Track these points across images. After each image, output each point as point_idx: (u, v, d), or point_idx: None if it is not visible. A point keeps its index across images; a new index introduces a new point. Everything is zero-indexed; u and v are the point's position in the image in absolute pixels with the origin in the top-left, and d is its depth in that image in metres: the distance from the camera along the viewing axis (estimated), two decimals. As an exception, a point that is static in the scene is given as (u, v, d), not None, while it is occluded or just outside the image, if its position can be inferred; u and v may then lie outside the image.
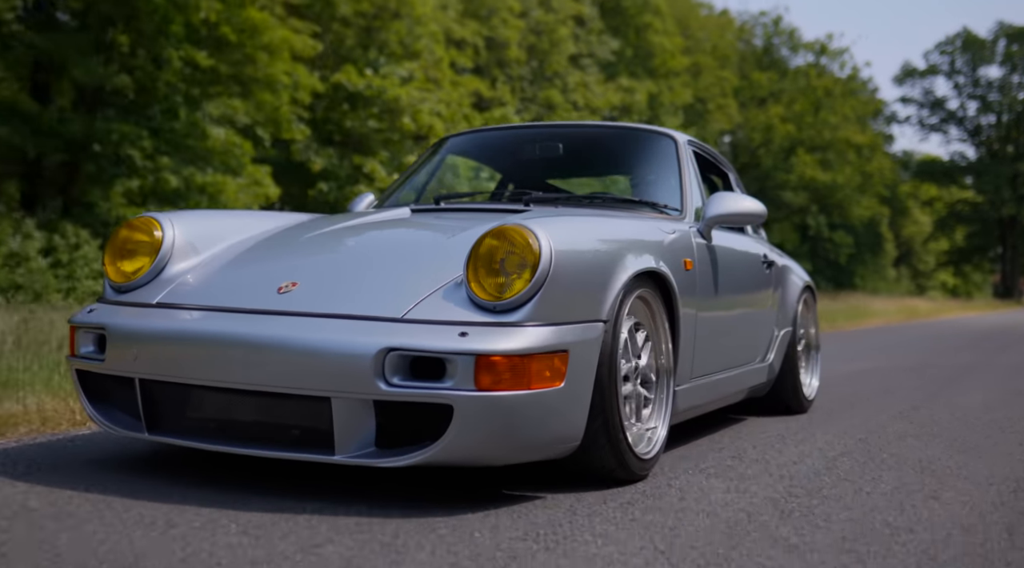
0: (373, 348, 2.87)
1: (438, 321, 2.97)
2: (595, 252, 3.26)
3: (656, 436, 3.63)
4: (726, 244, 4.51)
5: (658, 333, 3.69)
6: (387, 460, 2.91)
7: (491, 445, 2.92)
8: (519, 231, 3.06)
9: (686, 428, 4.81)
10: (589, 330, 3.15)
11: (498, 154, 5.07)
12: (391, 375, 2.87)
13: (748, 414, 5.57)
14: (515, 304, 2.98)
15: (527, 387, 2.91)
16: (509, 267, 3.03)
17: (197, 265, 3.57)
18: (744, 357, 4.82)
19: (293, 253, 3.58)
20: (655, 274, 3.60)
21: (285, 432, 3.04)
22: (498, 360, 2.86)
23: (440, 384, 2.87)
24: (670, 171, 4.49)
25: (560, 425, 3.06)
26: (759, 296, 5.01)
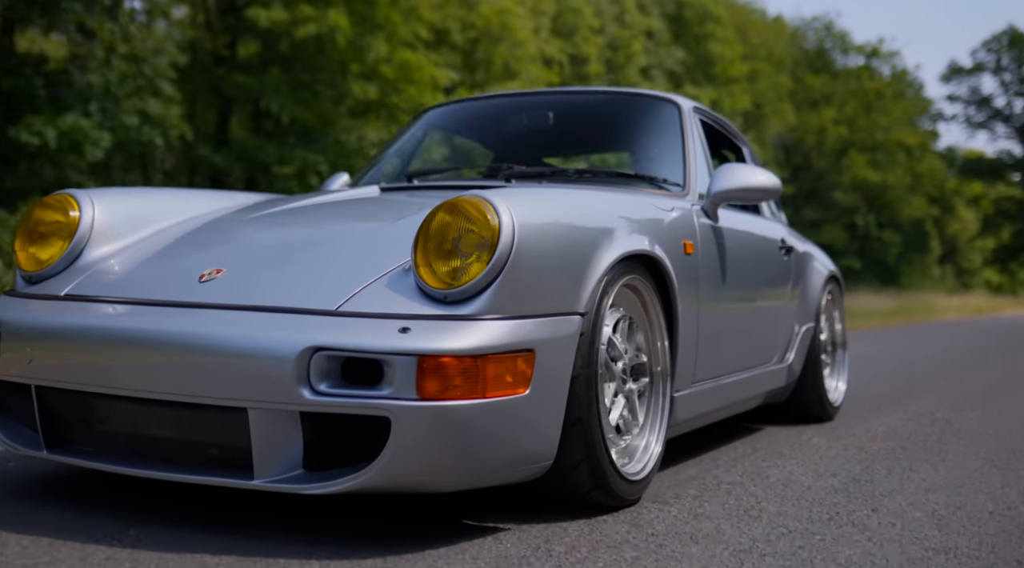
0: (296, 347, 2.35)
1: (377, 314, 2.45)
2: (571, 230, 2.73)
3: (649, 453, 3.09)
4: (736, 225, 3.96)
5: (652, 329, 3.15)
6: (315, 486, 2.40)
7: (439, 467, 2.40)
8: (476, 204, 2.53)
9: (689, 441, 4.26)
10: (562, 325, 2.62)
11: (483, 128, 4.53)
12: (318, 381, 2.36)
13: (766, 422, 5.02)
14: (469, 293, 2.46)
15: (482, 395, 2.39)
16: (465, 248, 2.51)
17: (120, 251, 3.06)
18: (758, 357, 4.27)
19: (228, 237, 3.07)
20: (647, 258, 3.07)
21: (203, 451, 2.53)
22: (447, 362, 2.34)
23: (375, 391, 2.35)
24: (672, 141, 3.95)
25: (526, 441, 2.54)
26: (775, 286, 4.46)
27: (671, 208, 3.41)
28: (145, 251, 3.03)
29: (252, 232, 3.10)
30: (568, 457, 2.69)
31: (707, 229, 3.61)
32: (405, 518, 2.70)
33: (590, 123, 4.24)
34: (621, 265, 2.91)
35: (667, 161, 3.90)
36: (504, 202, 2.54)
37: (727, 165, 3.80)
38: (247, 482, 2.42)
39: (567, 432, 2.67)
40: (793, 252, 4.73)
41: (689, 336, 3.35)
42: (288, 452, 2.43)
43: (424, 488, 2.46)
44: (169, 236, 3.13)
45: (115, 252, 3.04)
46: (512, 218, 2.51)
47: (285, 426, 2.40)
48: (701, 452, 3.93)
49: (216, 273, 2.73)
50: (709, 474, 3.49)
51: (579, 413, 2.67)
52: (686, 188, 3.75)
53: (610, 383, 2.91)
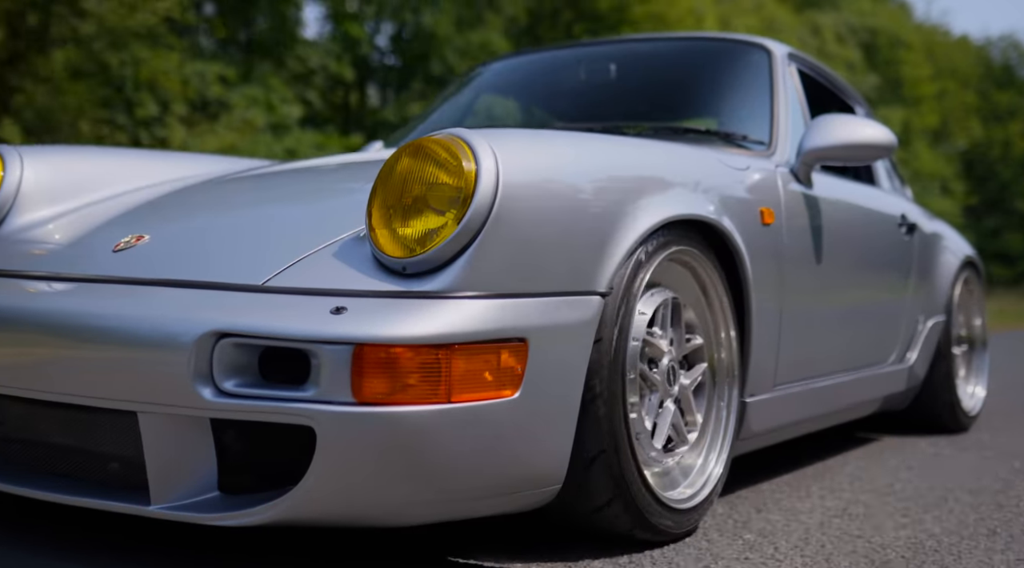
0: (193, 333, 1.77)
1: (308, 290, 1.85)
2: (588, 183, 2.08)
3: (706, 474, 2.41)
4: (837, 194, 3.22)
5: (713, 315, 2.47)
6: (225, 516, 1.81)
7: (387, 494, 1.79)
8: (447, 144, 1.91)
9: (776, 453, 3.54)
10: (572, 308, 1.98)
11: (535, 87, 3.86)
12: (225, 377, 1.78)
13: (886, 431, 4.23)
14: (434, 263, 1.84)
15: (446, 399, 1.77)
16: (435, 202, 1.88)
17: (51, 218, 2.54)
18: (868, 356, 3.50)
19: (165, 203, 2.51)
20: (705, 226, 2.39)
21: (103, 464, 1.98)
22: (396, 353, 1.73)
23: (296, 392, 1.75)
24: (757, 92, 3.23)
25: (516, 461, 1.90)
26: (892, 270, 3.68)
27: (745, 166, 2.72)
28: (79, 219, 2.49)
29: (194, 197, 2.53)
30: (586, 481, 2.05)
31: (795, 196, 2.89)
32: (367, 551, 2.09)
33: (660, 76, 3.54)
34: (665, 232, 2.24)
35: (750, 115, 3.19)
36: (486, 143, 1.91)
37: (824, 117, 3.07)
38: (142, 508, 1.85)
39: (582, 450, 2.03)
40: (917, 231, 3.94)
41: (767, 327, 2.65)
42: (196, 470, 1.85)
43: (368, 521, 1.85)
44: (115, 203, 2.59)
45: (45, 220, 2.52)
46: (496, 163, 1.88)
47: (189, 436, 1.82)
48: (788, 468, 3.21)
49: (135, 241, 2.17)
50: (781, 501, 2.77)
51: (598, 424, 2.03)
52: (772, 147, 3.03)
53: (650, 395, 2.25)
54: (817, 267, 2.95)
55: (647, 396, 2.24)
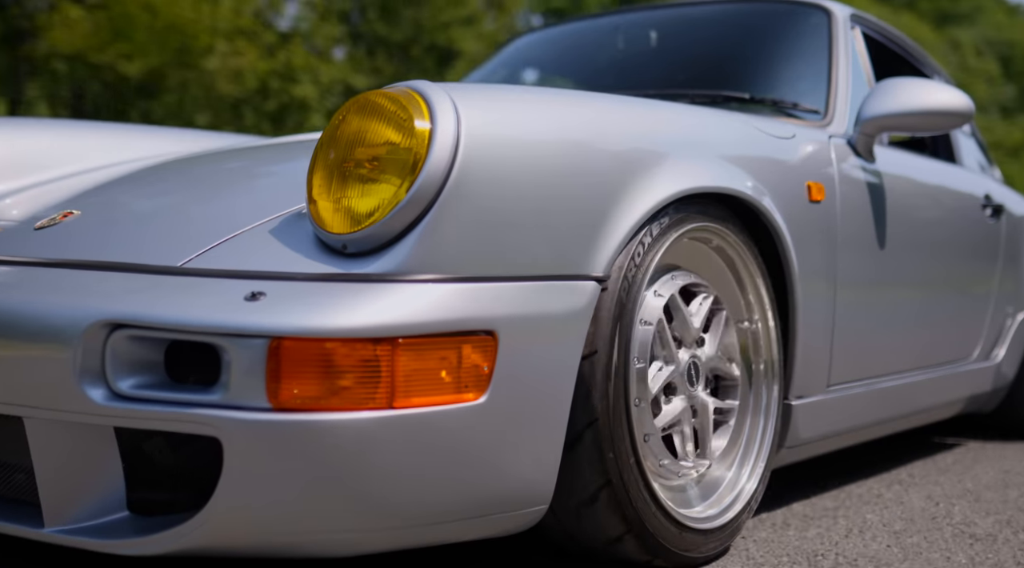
0: (81, 322, 1.47)
1: (227, 272, 1.54)
2: (581, 149, 1.73)
3: (736, 490, 2.04)
4: (904, 169, 2.81)
5: (747, 303, 2.10)
6: (124, 543, 1.50)
7: (316, 522, 1.47)
8: (399, 98, 1.58)
9: (841, 453, 3.13)
10: (557, 295, 1.63)
11: (573, 58, 3.49)
12: (121, 375, 1.47)
13: (972, 435, 3.78)
14: (379, 239, 1.52)
15: (388, 404, 1.44)
16: (383, 166, 1.56)
17: (2, 195, 2.27)
18: (946, 352, 3.08)
19: (116, 180, 2.22)
20: (734, 201, 2.02)
21: (6, 476, 1.69)
22: (325, 349, 1.41)
23: (201, 396, 1.43)
24: (814, 57, 2.83)
25: (484, 480, 1.57)
26: (974, 257, 3.25)
27: (789, 135, 2.33)
28: (31, 197, 2.22)
29: (143, 174, 2.23)
30: (582, 500, 1.71)
31: (852, 170, 2.50)
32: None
33: (705, 42, 3.14)
34: (682, 207, 1.89)
35: (804, 82, 2.79)
36: (447, 96, 1.58)
37: (888, 80, 2.66)
38: (35, 531, 1.56)
39: (575, 465, 1.69)
40: (1005, 214, 3.49)
41: (817, 318, 2.27)
42: (99, 485, 1.55)
43: (296, 552, 1.52)
44: (75, 181, 2.31)
45: None
46: (456, 121, 1.54)
47: (86, 445, 1.52)
48: (854, 476, 2.81)
49: (62, 217, 1.89)
50: (833, 524, 2.38)
51: (596, 433, 1.68)
52: (828, 116, 2.64)
53: (663, 365, 1.88)
54: (880, 251, 2.55)
55: (659, 362, 1.88)
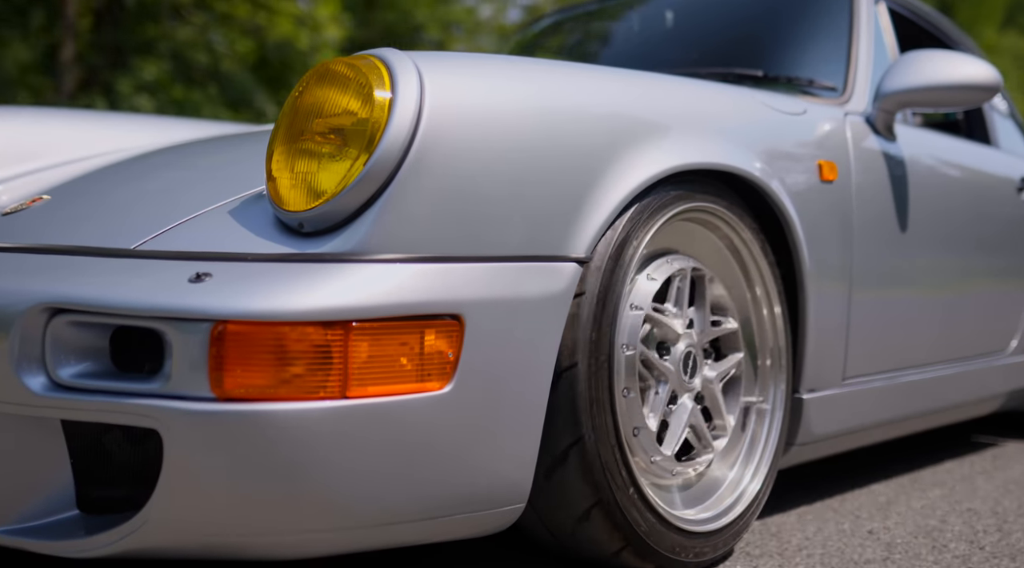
0: (19, 306, 1.39)
1: (175, 254, 1.45)
2: (559, 121, 1.61)
3: (738, 491, 1.91)
4: (928, 149, 2.66)
5: (752, 289, 1.98)
6: (70, 544, 1.42)
7: (264, 521, 1.37)
8: (360, 66, 1.48)
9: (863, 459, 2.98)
10: (532, 277, 1.53)
11: (589, 41, 3.37)
12: (63, 363, 1.39)
13: (1006, 434, 3.61)
14: (336, 217, 1.42)
15: (341, 393, 1.34)
16: (341, 138, 1.46)
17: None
18: (979, 344, 2.92)
19: (93, 168, 2.15)
20: (738, 180, 1.90)
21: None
22: (273, 332, 1.31)
23: (142, 384, 1.35)
24: (834, 32, 2.69)
25: (449, 476, 1.46)
26: (1009, 243, 3.08)
27: (800, 111, 2.21)
28: (16, 185, 2.15)
29: (119, 161, 2.15)
30: (563, 500, 1.60)
31: (870, 149, 2.36)
32: None
33: (721, 21, 3.01)
34: (677, 185, 1.77)
35: (822, 59, 2.65)
36: (412, 64, 1.48)
37: (911, 53, 2.52)
38: (-19, 531, 1.48)
39: (553, 459, 1.58)
40: (1043, 199, 3.32)
41: (829, 306, 2.14)
42: (45, 482, 1.46)
43: (247, 554, 1.42)
44: (60, 170, 2.24)
45: None
46: (419, 89, 1.44)
47: (28, 438, 1.44)
48: (874, 476, 2.67)
49: (30, 203, 1.81)
50: (850, 528, 2.25)
51: (577, 427, 1.58)
52: (846, 93, 2.50)
53: (657, 387, 1.77)
54: (901, 235, 2.41)
55: (653, 388, 1.76)
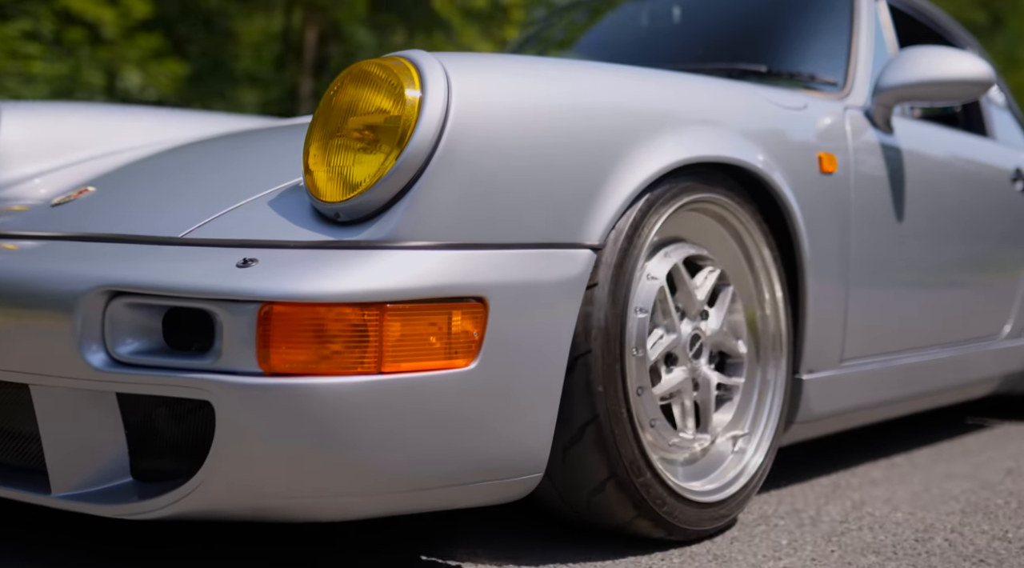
0: (81, 289, 1.51)
1: (222, 241, 1.57)
2: (575, 117, 1.73)
3: (742, 464, 2.04)
4: (924, 142, 2.78)
5: (754, 275, 2.10)
6: (125, 508, 1.54)
7: (306, 485, 1.50)
8: (391, 67, 1.60)
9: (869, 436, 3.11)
10: (550, 263, 1.65)
11: (597, 37, 3.48)
12: (121, 342, 1.51)
13: (1001, 416, 3.73)
14: (371, 207, 1.54)
15: (376, 369, 1.46)
16: (374, 134, 1.58)
17: (30, 176, 2.32)
18: (972, 329, 3.04)
19: (134, 161, 2.27)
20: (741, 172, 2.02)
21: (21, 445, 1.74)
22: (314, 313, 1.43)
23: (195, 360, 1.47)
24: (835, 28, 2.80)
25: (474, 446, 1.59)
26: (1004, 231, 3.20)
27: (801, 105, 2.32)
28: (54, 178, 2.27)
29: (163, 154, 2.27)
30: (577, 468, 1.73)
31: (868, 142, 2.48)
32: (335, 543, 1.81)
33: (727, 17, 3.12)
34: (685, 177, 1.89)
35: (823, 55, 2.77)
36: (439, 65, 1.59)
37: (908, 50, 2.63)
38: (43, 497, 1.60)
39: (569, 431, 1.70)
40: (1038, 188, 3.43)
41: (828, 291, 2.26)
42: (102, 452, 1.59)
43: (289, 515, 1.55)
44: (98, 162, 2.35)
45: (22, 178, 2.30)
46: (447, 89, 1.56)
47: (89, 412, 1.56)
48: (871, 451, 2.79)
49: (76, 195, 1.94)
50: (878, 485, 2.37)
51: (592, 402, 1.70)
52: (846, 87, 2.62)
53: (664, 334, 1.89)
54: (897, 224, 2.53)
55: (661, 367, 1.89)
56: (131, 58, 9.45)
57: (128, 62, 9.43)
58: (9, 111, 2.39)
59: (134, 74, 9.43)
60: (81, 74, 8.96)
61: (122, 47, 9.46)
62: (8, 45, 8.32)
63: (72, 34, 9.16)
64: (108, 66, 9.40)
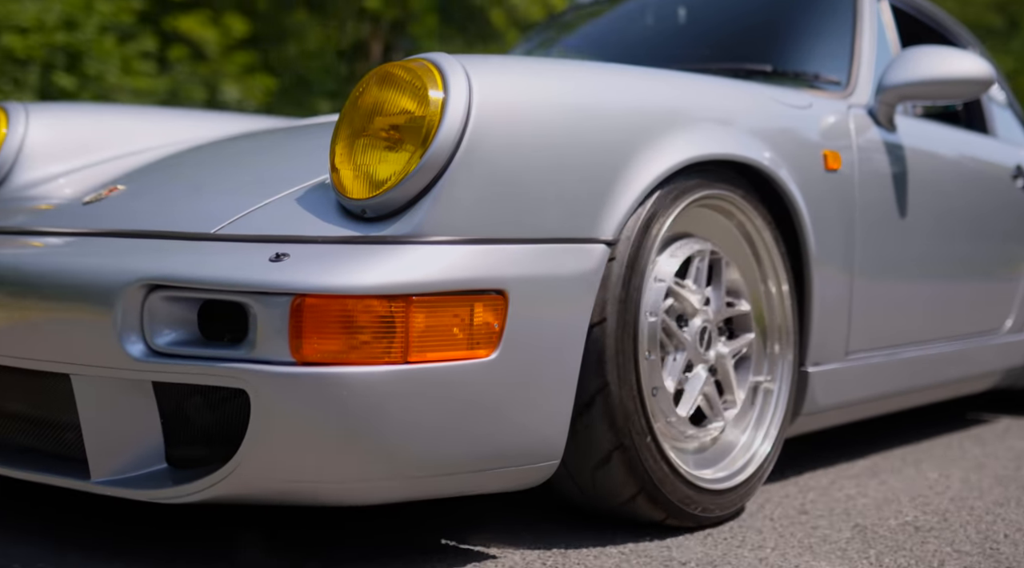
0: (121, 283, 1.58)
1: (255, 237, 1.64)
2: (589, 117, 1.81)
3: (750, 453, 2.11)
4: (927, 139, 2.85)
5: (761, 269, 2.17)
6: (162, 492, 1.62)
7: (336, 470, 1.57)
8: (414, 69, 1.67)
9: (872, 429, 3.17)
10: (566, 257, 1.72)
11: (604, 37, 3.55)
12: (159, 333, 1.58)
13: (1003, 411, 3.80)
14: (396, 204, 1.61)
15: (402, 358, 1.53)
16: (398, 134, 1.65)
17: (53, 176, 2.39)
18: (973, 324, 3.11)
19: (158, 160, 2.34)
20: (749, 169, 2.09)
21: (57, 434, 1.81)
22: (344, 305, 1.50)
23: (230, 351, 1.54)
24: (839, 28, 2.87)
25: (494, 433, 1.66)
26: (1005, 227, 3.26)
27: (806, 104, 2.39)
28: (78, 178, 2.34)
29: (186, 152, 2.34)
30: (588, 456, 1.80)
31: (871, 140, 2.54)
32: (355, 529, 1.88)
33: (732, 17, 3.19)
34: (693, 174, 1.96)
35: (827, 54, 2.83)
36: (461, 67, 1.66)
37: (910, 49, 2.70)
38: (82, 483, 1.68)
39: (584, 421, 1.77)
40: (1038, 185, 3.50)
41: (833, 285, 2.32)
42: (138, 440, 1.66)
43: (319, 499, 1.63)
44: (119, 162, 2.42)
45: (46, 178, 2.37)
46: (468, 91, 1.63)
47: (126, 401, 1.63)
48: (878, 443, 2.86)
49: (107, 193, 2.01)
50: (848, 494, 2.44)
51: (605, 393, 1.77)
52: (849, 86, 2.69)
53: (675, 354, 1.97)
54: (900, 220, 2.59)
55: (671, 354, 1.95)
56: (229, 73, 10.52)
57: (227, 77, 10.48)
58: (36, 113, 2.46)
59: (232, 88, 10.42)
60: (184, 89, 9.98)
61: (220, 63, 10.55)
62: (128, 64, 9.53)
63: (175, 52, 10.40)
64: (209, 81, 10.41)
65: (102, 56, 9.21)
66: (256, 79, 10.85)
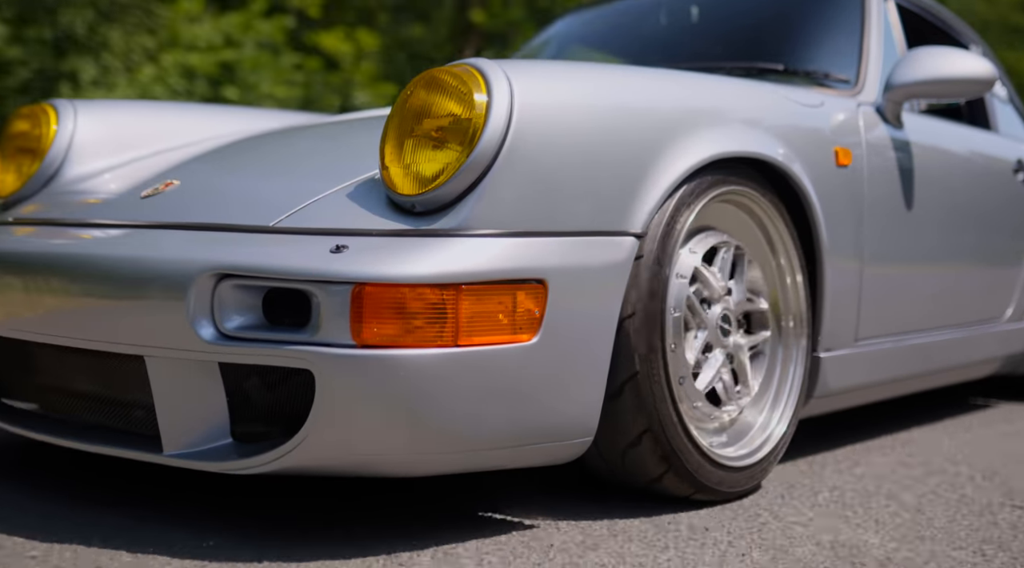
0: (193, 272, 1.72)
1: (314, 229, 1.78)
2: (619, 116, 1.94)
3: (767, 433, 2.25)
4: (932, 135, 2.98)
5: (776, 262, 2.30)
6: (230, 464, 1.76)
7: (395, 443, 1.71)
8: (459, 74, 1.81)
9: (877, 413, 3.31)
10: (600, 249, 1.86)
11: (618, 35, 3.69)
12: (228, 318, 1.72)
13: (1003, 396, 3.93)
14: (443, 200, 1.75)
15: (453, 342, 1.67)
16: (446, 135, 1.79)
17: (102, 170, 2.52)
18: (976, 312, 3.25)
19: (208, 154, 2.47)
20: (764, 165, 2.22)
21: (127, 412, 1.96)
22: (399, 293, 1.65)
23: (296, 335, 1.68)
24: (847, 29, 3.00)
25: (535, 410, 1.80)
26: (1007, 218, 3.40)
27: (818, 103, 2.52)
28: (128, 172, 2.47)
29: (232, 147, 2.48)
30: (618, 434, 1.94)
31: (880, 136, 2.68)
32: (394, 500, 2.02)
33: (744, 16, 3.33)
34: (715, 171, 2.09)
35: (836, 53, 2.96)
36: (502, 72, 1.80)
37: (916, 50, 2.83)
38: (155, 456, 1.82)
39: (616, 400, 1.91)
40: (1038, 179, 3.63)
41: (843, 276, 2.46)
42: (206, 416, 1.80)
43: (375, 470, 1.77)
44: (166, 157, 2.56)
45: (96, 172, 2.50)
46: (510, 94, 1.77)
47: (195, 380, 1.78)
48: (890, 424, 3.00)
49: (163, 187, 2.14)
50: (882, 454, 2.58)
51: (633, 374, 1.91)
52: (858, 85, 2.82)
53: (697, 332, 2.10)
54: (907, 212, 2.73)
55: (693, 330, 2.09)
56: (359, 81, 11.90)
57: (357, 85, 11.83)
58: (83, 109, 2.59)
59: (362, 94, 11.68)
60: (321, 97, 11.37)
61: (351, 72, 12.24)
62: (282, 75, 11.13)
63: (311, 63, 11.91)
64: (341, 89, 12.01)
65: (257, 69, 10.81)
66: (381, 87, 12.06)
